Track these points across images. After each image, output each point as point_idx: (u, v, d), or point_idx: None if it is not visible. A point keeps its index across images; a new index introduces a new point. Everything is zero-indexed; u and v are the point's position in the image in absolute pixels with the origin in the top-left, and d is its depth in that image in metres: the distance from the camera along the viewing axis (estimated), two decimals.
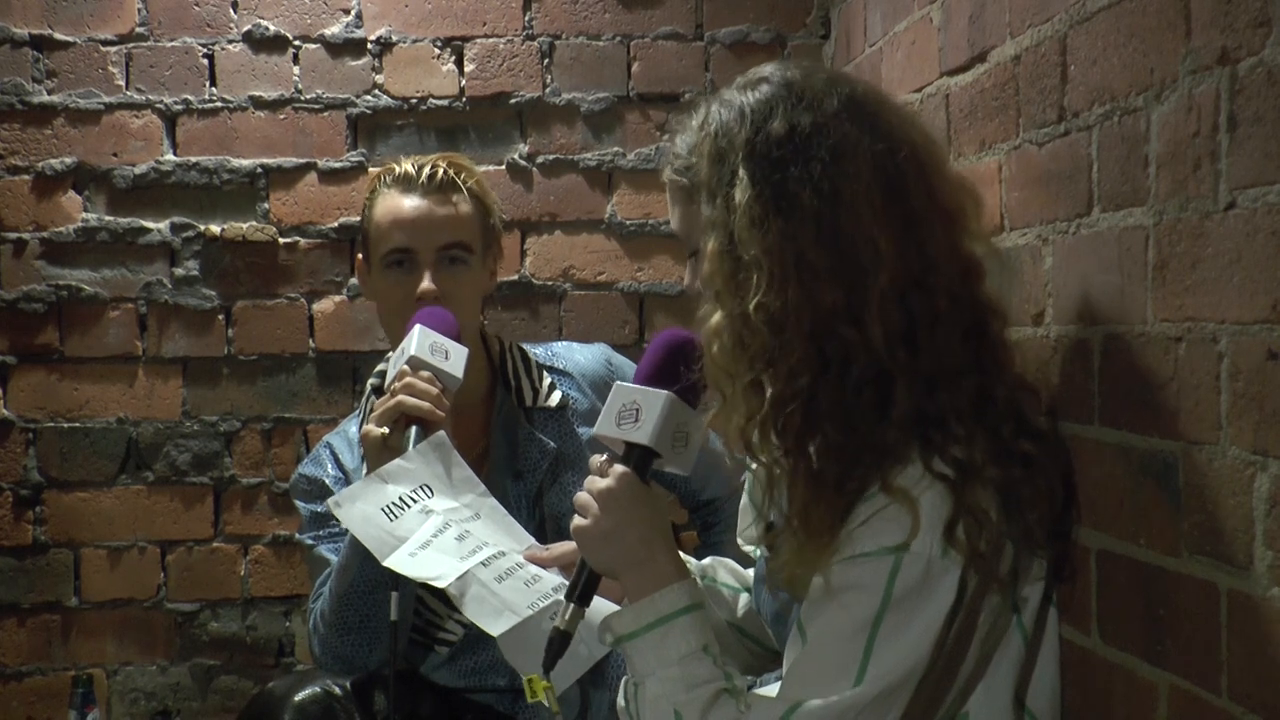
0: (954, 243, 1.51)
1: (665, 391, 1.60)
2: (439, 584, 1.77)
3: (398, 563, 1.80)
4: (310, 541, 2.23)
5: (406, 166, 2.25)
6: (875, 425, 1.44)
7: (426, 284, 2.16)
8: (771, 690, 1.49)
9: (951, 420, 1.44)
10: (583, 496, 1.60)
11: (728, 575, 1.88)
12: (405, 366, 2.00)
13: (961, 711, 1.48)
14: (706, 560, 1.90)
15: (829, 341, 1.45)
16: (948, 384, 1.46)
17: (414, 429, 1.95)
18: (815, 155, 1.46)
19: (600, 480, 1.59)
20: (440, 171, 2.23)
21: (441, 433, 1.95)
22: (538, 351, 2.34)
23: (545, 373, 2.29)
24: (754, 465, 1.57)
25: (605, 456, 1.63)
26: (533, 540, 1.93)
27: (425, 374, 2.00)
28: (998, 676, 1.49)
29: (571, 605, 1.61)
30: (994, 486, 1.44)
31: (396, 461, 1.91)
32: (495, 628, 1.74)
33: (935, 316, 1.46)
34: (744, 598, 1.86)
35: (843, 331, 1.44)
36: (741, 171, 1.48)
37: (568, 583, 1.78)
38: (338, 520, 2.19)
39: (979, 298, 1.53)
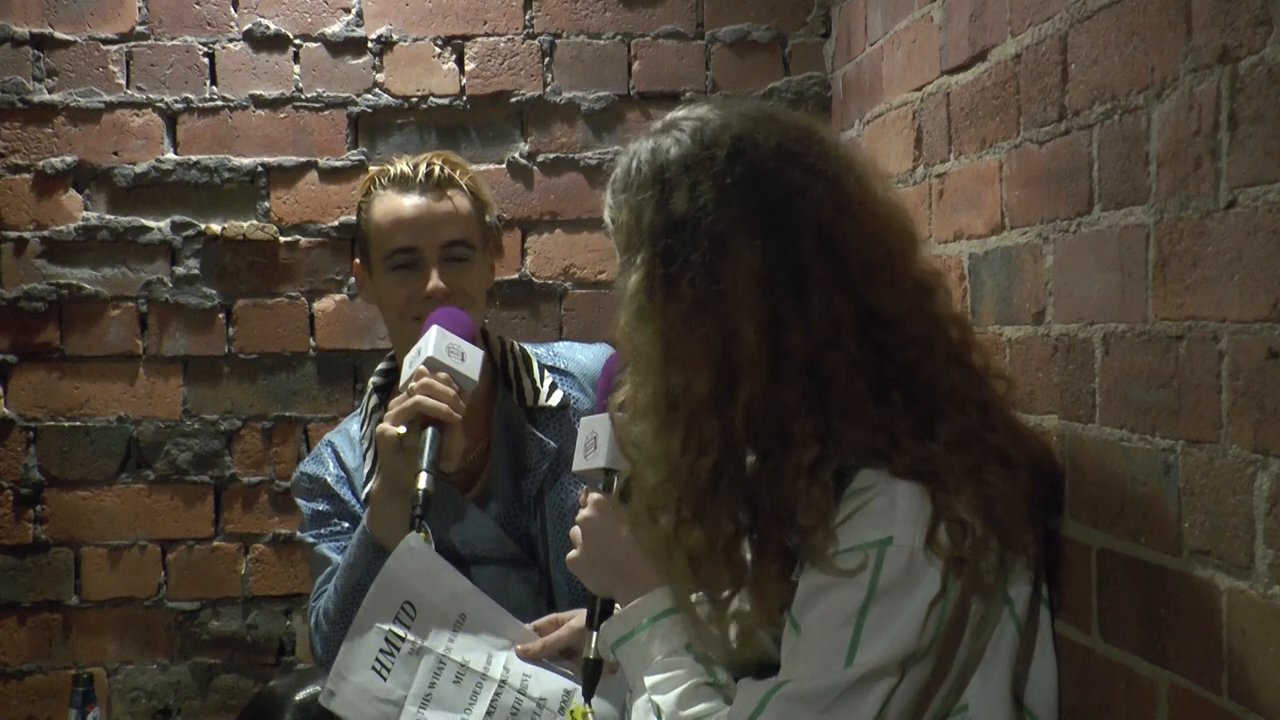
0: (885, 285, 1.49)
1: (606, 414, 1.66)
2: None
3: None
4: (311, 540, 2.23)
5: (402, 166, 2.25)
6: (801, 491, 1.45)
7: (435, 282, 2.17)
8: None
9: (905, 443, 1.46)
10: (574, 530, 1.70)
11: None
12: (423, 367, 2.01)
13: (959, 704, 1.49)
14: None
15: (704, 431, 1.46)
16: (883, 435, 1.46)
17: (430, 430, 1.97)
18: (699, 244, 1.46)
19: (583, 510, 1.70)
20: (437, 169, 2.23)
21: (413, 534, 1.94)
22: (539, 351, 2.34)
23: (547, 372, 2.29)
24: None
25: (586, 488, 1.73)
26: (523, 627, 1.97)
27: (443, 375, 2.01)
28: (994, 667, 1.51)
29: (595, 634, 1.67)
30: (967, 497, 1.45)
31: (374, 585, 1.91)
32: None
33: (848, 379, 1.46)
34: None
35: (708, 423, 1.46)
36: (640, 257, 1.50)
37: (574, 685, 1.87)
38: (338, 518, 2.19)
39: (913, 334, 1.51)
